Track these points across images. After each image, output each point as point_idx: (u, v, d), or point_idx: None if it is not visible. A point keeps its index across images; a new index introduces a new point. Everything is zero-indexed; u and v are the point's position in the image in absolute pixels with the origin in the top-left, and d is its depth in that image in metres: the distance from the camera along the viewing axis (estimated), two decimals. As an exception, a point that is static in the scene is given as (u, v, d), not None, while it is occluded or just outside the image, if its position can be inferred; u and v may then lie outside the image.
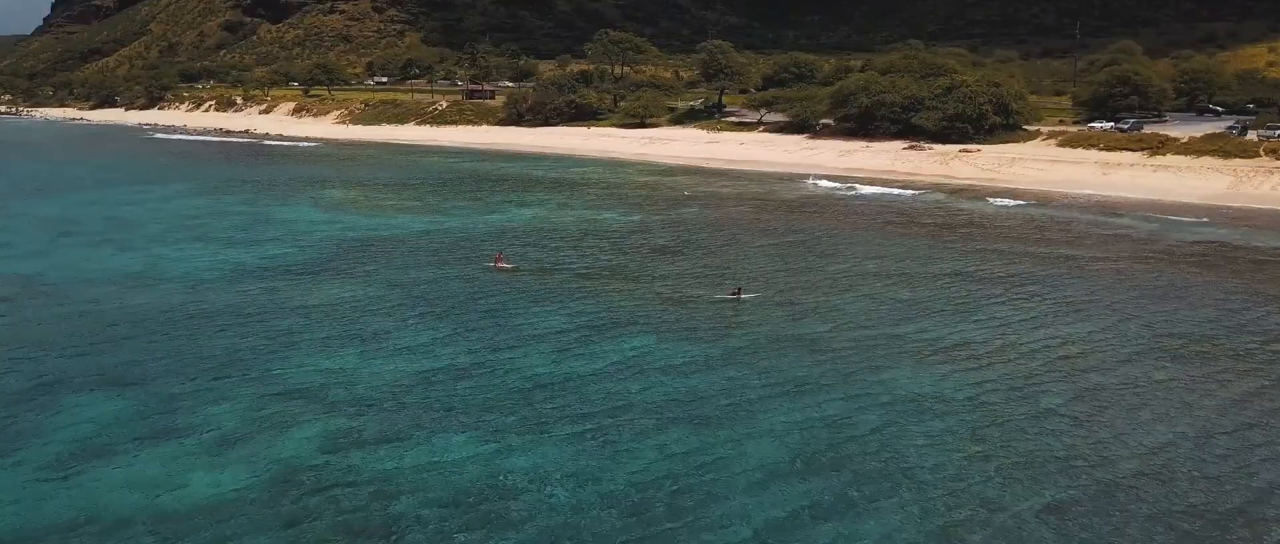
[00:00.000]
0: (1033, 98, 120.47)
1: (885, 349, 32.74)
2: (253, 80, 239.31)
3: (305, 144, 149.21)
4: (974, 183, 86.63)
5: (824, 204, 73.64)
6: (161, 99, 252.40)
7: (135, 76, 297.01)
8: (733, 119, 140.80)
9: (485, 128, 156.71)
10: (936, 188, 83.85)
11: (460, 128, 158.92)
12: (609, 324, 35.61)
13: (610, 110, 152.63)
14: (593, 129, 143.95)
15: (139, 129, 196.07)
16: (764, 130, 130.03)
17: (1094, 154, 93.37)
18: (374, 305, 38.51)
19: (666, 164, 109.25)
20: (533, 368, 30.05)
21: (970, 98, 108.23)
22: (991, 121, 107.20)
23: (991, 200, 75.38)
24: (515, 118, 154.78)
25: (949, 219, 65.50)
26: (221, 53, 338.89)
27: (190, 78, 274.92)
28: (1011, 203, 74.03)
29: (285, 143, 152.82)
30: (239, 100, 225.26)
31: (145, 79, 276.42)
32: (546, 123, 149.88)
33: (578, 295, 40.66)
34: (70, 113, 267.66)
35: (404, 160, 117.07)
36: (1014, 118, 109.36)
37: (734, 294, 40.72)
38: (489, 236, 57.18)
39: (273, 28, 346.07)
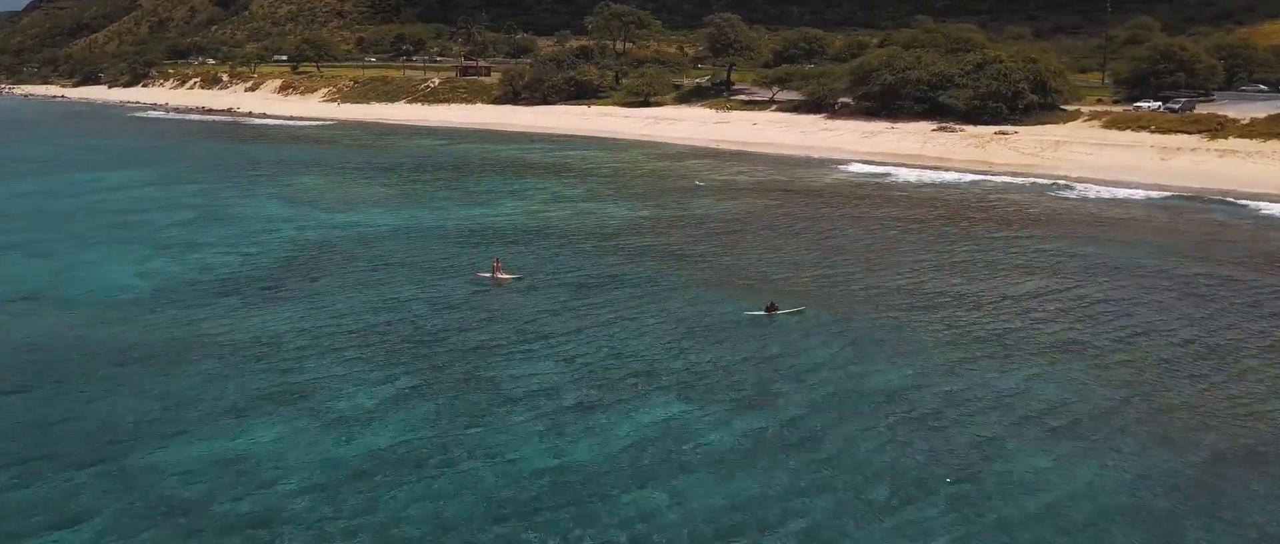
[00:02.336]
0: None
1: (993, 414, 24.28)
2: (241, 57, 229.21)
3: (288, 123, 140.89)
4: (1015, 169, 77.87)
5: (857, 193, 64.92)
6: (146, 76, 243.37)
7: (123, 53, 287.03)
8: (742, 97, 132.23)
9: (479, 106, 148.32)
10: (977, 174, 75.05)
11: (453, 106, 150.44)
12: (620, 375, 27.10)
13: (612, 88, 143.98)
14: (593, 108, 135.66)
15: (119, 107, 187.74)
16: (776, 109, 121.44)
17: (1146, 137, 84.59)
18: (317, 344, 29.99)
19: (673, 146, 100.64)
20: (517, 459, 21.47)
21: (1005, 74, 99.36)
22: (1028, 101, 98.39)
23: (1047, 190, 66.78)
24: (511, 96, 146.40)
25: (1007, 212, 56.84)
26: (213, 28, 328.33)
27: (180, 54, 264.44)
28: (1071, 194, 65.38)
29: (267, 122, 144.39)
30: (225, 77, 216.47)
31: (130, 55, 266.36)
32: (544, 101, 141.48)
33: (577, 322, 32.21)
34: (53, 90, 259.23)
35: (389, 142, 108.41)
36: (1052, 97, 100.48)
37: (768, 311, 32.66)
38: (473, 235, 48.68)
39: (265, 2, 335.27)
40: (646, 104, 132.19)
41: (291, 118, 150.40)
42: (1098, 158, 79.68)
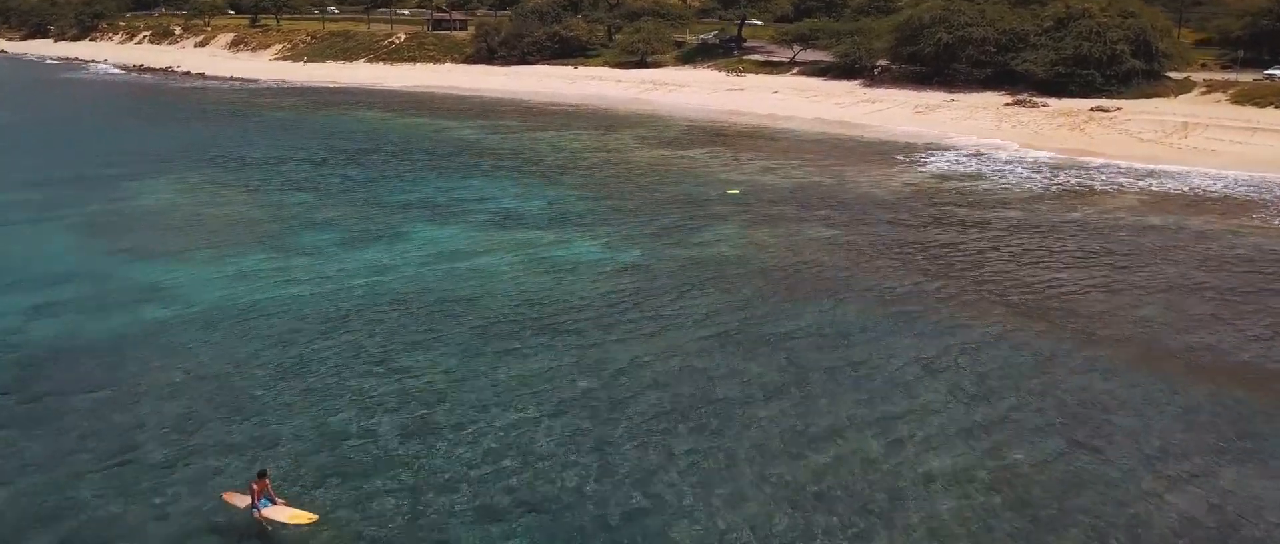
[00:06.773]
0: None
1: None
2: (196, 6, 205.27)
3: (224, 85, 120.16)
4: (1139, 162, 57.05)
5: (967, 216, 43.61)
6: (94, 29, 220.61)
7: (86, 3, 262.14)
8: (757, 57, 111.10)
9: (448, 66, 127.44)
10: (1106, 170, 53.81)
11: (418, 66, 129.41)
12: None
13: (603, 45, 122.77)
14: (580, 69, 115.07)
15: (51, 64, 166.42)
16: (799, 73, 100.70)
17: (1308, 117, 63.89)
18: None
19: (676, 121, 79.64)
20: None
21: (1097, 32, 77.94)
22: (1129, 67, 77.08)
23: (1243, 203, 45.49)
24: (485, 54, 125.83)
25: (1238, 258, 35.80)
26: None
27: (144, 5, 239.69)
28: (1270, 211, 44.20)
29: (202, 84, 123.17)
30: (178, 31, 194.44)
31: (79, 6, 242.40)
32: (523, 60, 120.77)
33: None
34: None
35: (321, 114, 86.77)
36: (1158, 62, 79.03)
37: None
38: (323, 325, 27.76)
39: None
40: (643, 64, 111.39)
41: (232, 78, 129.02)
42: (1250, 148, 59.00)
